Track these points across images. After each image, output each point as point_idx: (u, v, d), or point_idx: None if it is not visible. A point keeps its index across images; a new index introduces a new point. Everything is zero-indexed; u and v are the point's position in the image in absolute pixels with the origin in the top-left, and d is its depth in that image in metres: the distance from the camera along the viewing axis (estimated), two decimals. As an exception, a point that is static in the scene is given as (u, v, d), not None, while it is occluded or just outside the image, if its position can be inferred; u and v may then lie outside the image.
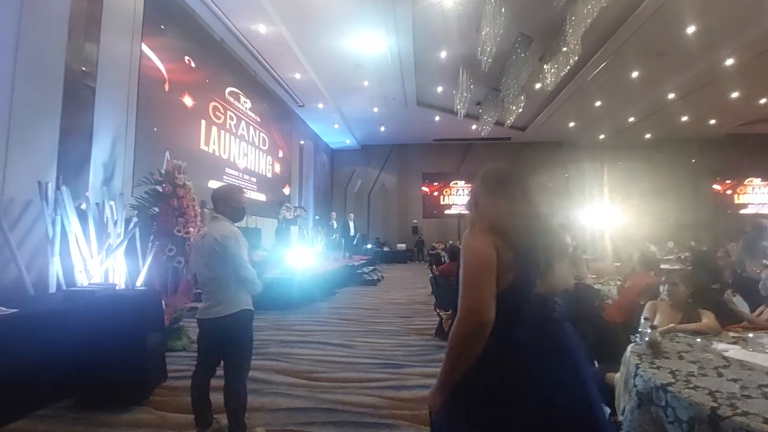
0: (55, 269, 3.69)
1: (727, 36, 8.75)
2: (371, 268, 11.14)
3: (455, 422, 1.15)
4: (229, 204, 2.38)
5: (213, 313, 2.22)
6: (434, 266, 6.60)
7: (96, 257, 3.91)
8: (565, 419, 1.04)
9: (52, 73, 4.49)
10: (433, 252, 16.30)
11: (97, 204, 4.16)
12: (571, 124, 15.75)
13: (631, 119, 14.70)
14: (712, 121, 15.02)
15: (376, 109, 14.28)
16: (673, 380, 1.46)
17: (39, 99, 4.29)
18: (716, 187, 18.03)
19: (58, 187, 3.78)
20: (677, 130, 15.71)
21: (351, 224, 12.82)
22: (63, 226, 3.76)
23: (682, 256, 7.66)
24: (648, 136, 16.82)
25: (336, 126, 15.87)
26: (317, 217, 15.69)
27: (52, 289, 3.64)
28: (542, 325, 1.15)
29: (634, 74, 10.92)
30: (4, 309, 2.74)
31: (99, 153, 5.21)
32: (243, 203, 2.48)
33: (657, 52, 9.64)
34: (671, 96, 12.27)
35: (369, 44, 9.54)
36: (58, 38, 4.57)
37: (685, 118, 14.34)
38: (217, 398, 2.42)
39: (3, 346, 2.51)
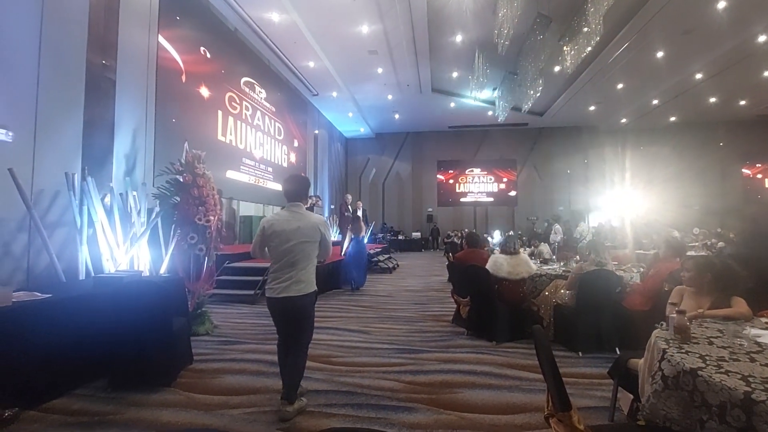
0: (84, 257, 3.83)
1: (760, 10, 8.29)
2: (387, 256, 11.18)
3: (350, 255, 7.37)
4: (307, 195, 2.66)
5: (296, 291, 2.43)
6: (450, 254, 6.57)
7: (121, 246, 4.03)
8: (357, 255, 7.35)
9: (74, 67, 4.59)
10: (449, 240, 16.29)
11: (120, 194, 4.27)
12: (592, 108, 15.29)
13: (655, 102, 14.17)
14: (742, 102, 14.36)
15: (390, 97, 14.16)
16: (703, 365, 1.42)
17: (63, 93, 4.40)
18: (746, 171, 17.30)
19: (83, 178, 3.89)
20: (704, 113, 15.08)
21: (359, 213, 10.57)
22: (90, 215, 3.88)
23: (708, 243, 7.42)
24: (673, 119, 16.21)
25: (350, 114, 15.83)
26: (332, 207, 15.78)
27: (82, 276, 3.79)
28: (359, 240, 7.41)
29: (659, 54, 10.48)
30: (38, 294, 2.87)
31: (121, 144, 5.34)
32: None
33: (684, 30, 9.21)
34: (698, 76, 11.76)
35: (383, 30, 9.41)
36: (79, 32, 4.66)
37: (713, 100, 13.75)
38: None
39: (40, 330, 2.63)
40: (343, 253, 7.72)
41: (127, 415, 2.51)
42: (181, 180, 4.28)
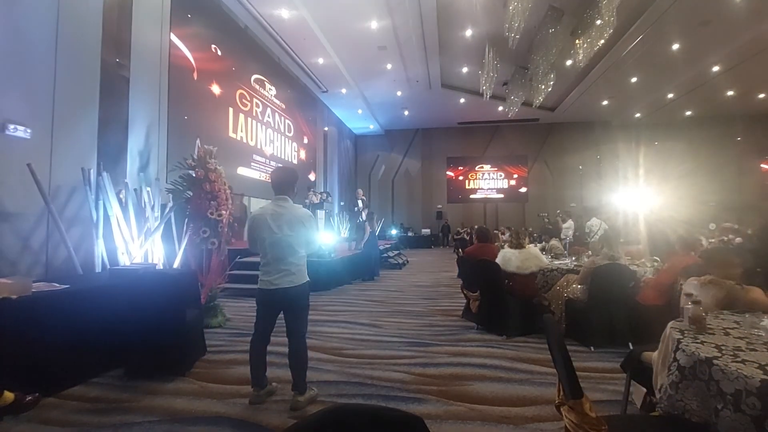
0: (100, 250, 3.92)
1: (782, -1, 8.03)
2: (396, 252, 11.19)
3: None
4: (294, 187, 2.64)
5: (288, 282, 2.47)
6: (460, 249, 6.55)
7: (136, 240, 4.11)
8: (373, 251, 8.06)
9: (89, 66, 4.67)
10: (458, 237, 16.21)
11: (135, 189, 4.35)
12: (604, 103, 15.04)
13: (670, 96, 13.87)
14: (761, 95, 13.96)
15: (399, 93, 14.12)
16: (719, 354, 1.40)
17: (78, 91, 4.49)
18: (764, 166, 16.83)
19: (99, 174, 3.97)
20: (721, 106, 14.71)
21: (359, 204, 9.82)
22: (105, 210, 3.96)
23: (725, 239, 7.26)
24: (688, 113, 15.85)
25: (359, 111, 15.83)
26: (342, 203, 15.83)
27: (98, 268, 3.88)
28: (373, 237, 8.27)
29: (675, 47, 10.25)
30: (57, 285, 2.95)
31: (135, 141, 5.44)
32: None
33: (700, 21, 8.99)
34: (715, 69, 11.46)
35: (392, 25, 9.38)
36: (94, 31, 4.74)
37: (730, 93, 13.40)
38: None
39: (59, 319, 2.70)
40: (363, 244, 8.18)
41: (142, 402, 2.57)
42: (194, 175, 4.34)
